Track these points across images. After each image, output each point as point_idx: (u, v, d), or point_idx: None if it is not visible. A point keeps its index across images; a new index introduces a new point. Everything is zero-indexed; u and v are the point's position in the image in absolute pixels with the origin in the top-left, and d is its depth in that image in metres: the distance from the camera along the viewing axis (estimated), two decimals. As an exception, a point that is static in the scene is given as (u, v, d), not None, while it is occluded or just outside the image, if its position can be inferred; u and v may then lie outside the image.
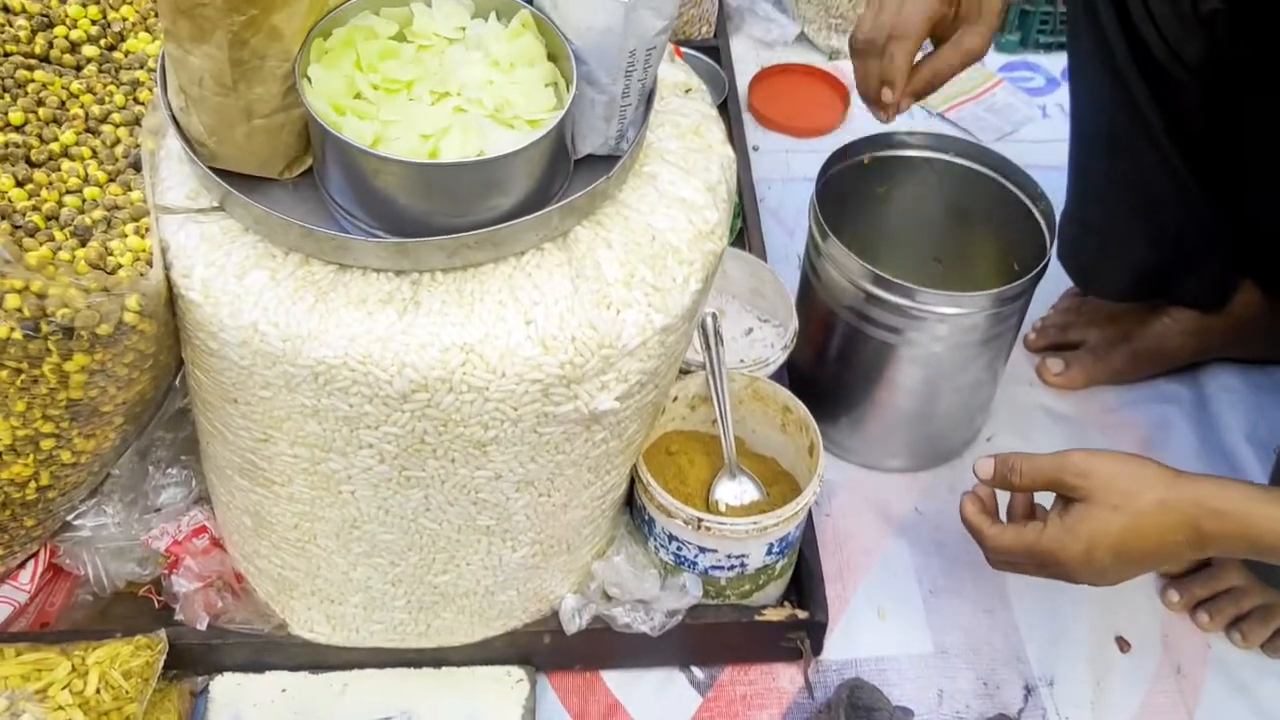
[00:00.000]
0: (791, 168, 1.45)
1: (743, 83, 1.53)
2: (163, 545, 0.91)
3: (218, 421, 0.78)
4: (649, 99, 0.77)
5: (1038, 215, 1.04)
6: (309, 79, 0.70)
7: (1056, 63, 1.61)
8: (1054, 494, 0.82)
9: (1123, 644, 0.99)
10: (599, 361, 0.72)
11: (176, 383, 0.86)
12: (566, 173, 0.76)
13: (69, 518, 0.90)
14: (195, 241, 0.72)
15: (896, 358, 1.01)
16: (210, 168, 0.72)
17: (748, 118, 1.50)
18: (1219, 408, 1.17)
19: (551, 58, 0.74)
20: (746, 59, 1.59)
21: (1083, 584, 0.82)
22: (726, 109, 1.43)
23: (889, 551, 1.05)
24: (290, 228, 0.69)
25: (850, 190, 1.09)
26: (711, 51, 1.51)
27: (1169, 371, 1.20)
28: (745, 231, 1.27)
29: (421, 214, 0.69)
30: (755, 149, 1.46)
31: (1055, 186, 1.19)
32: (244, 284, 0.70)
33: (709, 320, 0.94)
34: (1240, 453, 1.13)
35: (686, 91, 0.86)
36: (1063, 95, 1.56)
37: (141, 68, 0.87)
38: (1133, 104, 0.99)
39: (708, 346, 0.93)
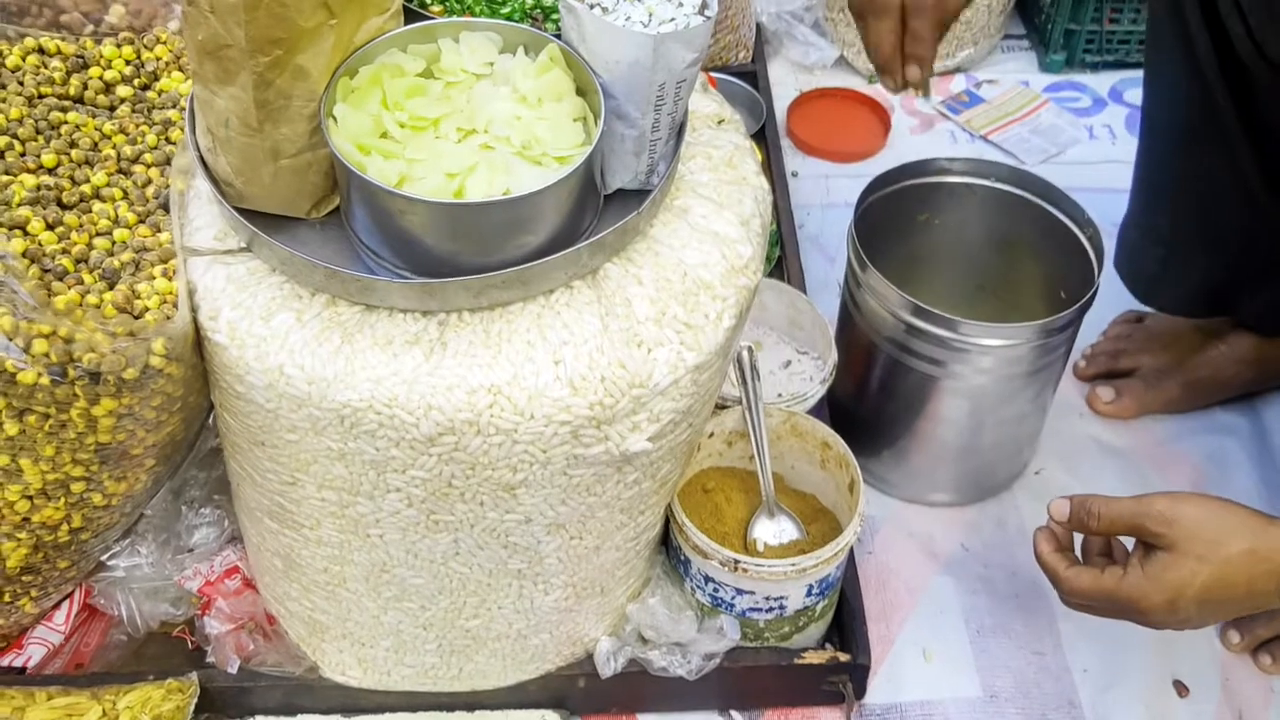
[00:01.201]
0: (831, 193, 1.43)
1: (781, 107, 1.51)
2: (195, 586, 0.91)
3: (246, 464, 0.77)
4: (680, 132, 0.75)
5: (1084, 241, 1.01)
6: (334, 118, 0.69)
7: (1104, 83, 1.58)
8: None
9: (1180, 688, 0.95)
10: (630, 402, 0.70)
11: (210, 422, 0.86)
12: (596, 208, 0.74)
13: (103, 558, 0.90)
14: (222, 283, 0.71)
15: (939, 390, 0.99)
16: (237, 208, 0.71)
17: (786, 143, 1.48)
18: (1278, 439, 1.13)
19: (580, 92, 0.73)
20: (785, 83, 1.57)
21: (1162, 629, 0.79)
22: (764, 135, 1.41)
23: (934, 590, 1.02)
24: (315, 269, 0.68)
25: (890, 218, 1.06)
26: (749, 77, 1.49)
27: (1225, 400, 1.16)
28: (784, 260, 1.25)
29: (448, 254, 0.68)
30: (794, 174, 1.44)
31: (1103, 209, 1.16)
32: (270, 326, 0.69)
33: (745, 354, 0.91)
34: (1302, 485, 1.09)
35: (719, 123, 0.84)
36: (1109, 116, 1.53)
37: (174, 107, 0.87)
38: (1210, 102, 0.95)
39: (744, 381, 0.91)
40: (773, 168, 1.36)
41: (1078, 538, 0.84)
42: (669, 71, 0.69)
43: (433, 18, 0.76)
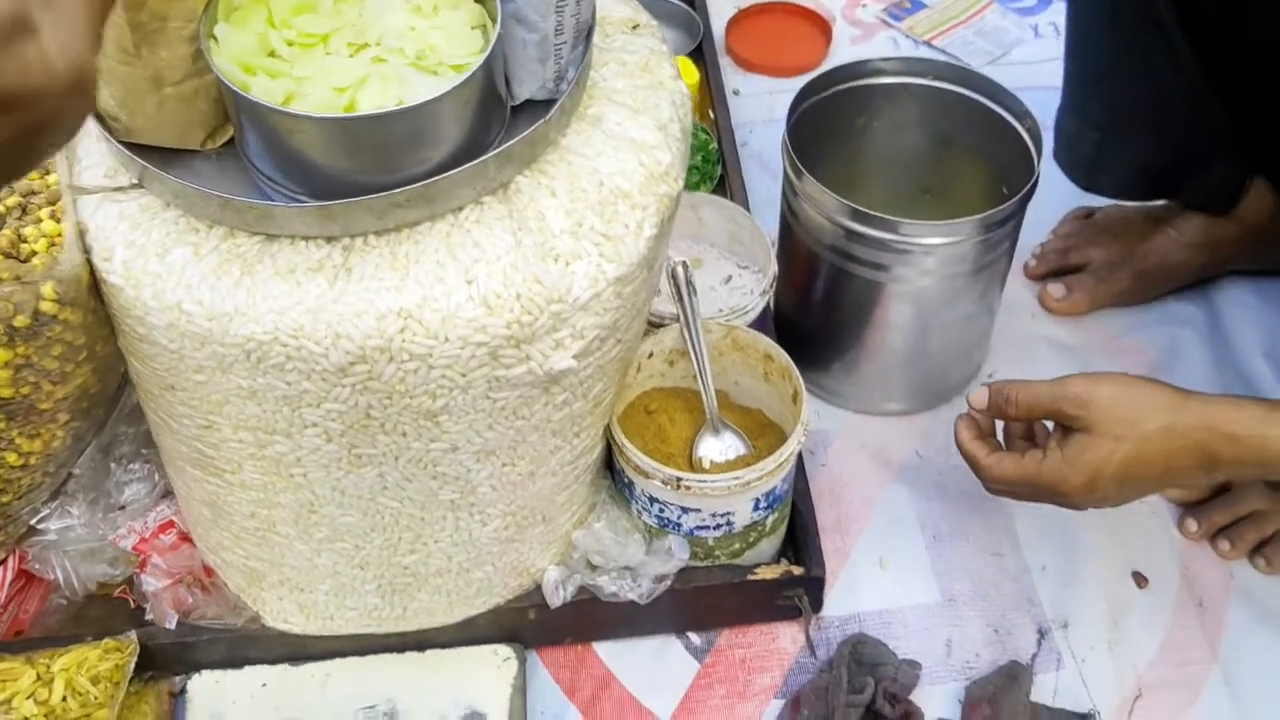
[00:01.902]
0: (775, 110, 1.39)
1: (719, 25, 1.47)
2: (130, 544, 0.88)
3: (161, 411, 0.75)
4: (588, 35, 0.72)
5: (1023, 133, 0.98)
6: (215, 39, 0.65)
7: (1047, -21, 1.54)
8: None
9: (1140, 579, 0.94)
10: (549, 319, 0.68)
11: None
12: (503, 120, 0.71)
13: (33, 522, 0.87)
14: (114, 221, 0.68)
15: (884, 295, 0.96)
16: (127, 143, 0.68)
17: (726, 61, 1.44)
18: (1233, 325, 1.11)
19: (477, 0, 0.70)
20: (722, 1, 1.53)
21: (1084, 510, 0.78)
22: (703, 53, 1.37)
23: (889, 499, 1.00)
24: (209, 199, 0.65)
25: (826, 125, 1.03)
26: (684, -4, 1.45)
27: (1178, 289, 1.14)
28: (725, 178, 1.22)
29: (345, 173, 0.65)
30: (736, 93, 1.41)
31: (1049, 106, 1.13)
32: (166, 263, 0.66)
33: (680, 270, 0.89)
34: (1258, 371, 1.07)
35: (634, 28, 0.80)
36: (1055, 13, 1.49)
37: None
38: None
39: (680, 298, 0.89)
40: (712, 87, 1.33)
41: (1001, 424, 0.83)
42: (567, -32, 0.66)
43: (318, -71, 0.72)
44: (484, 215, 0.68)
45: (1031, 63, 1.42)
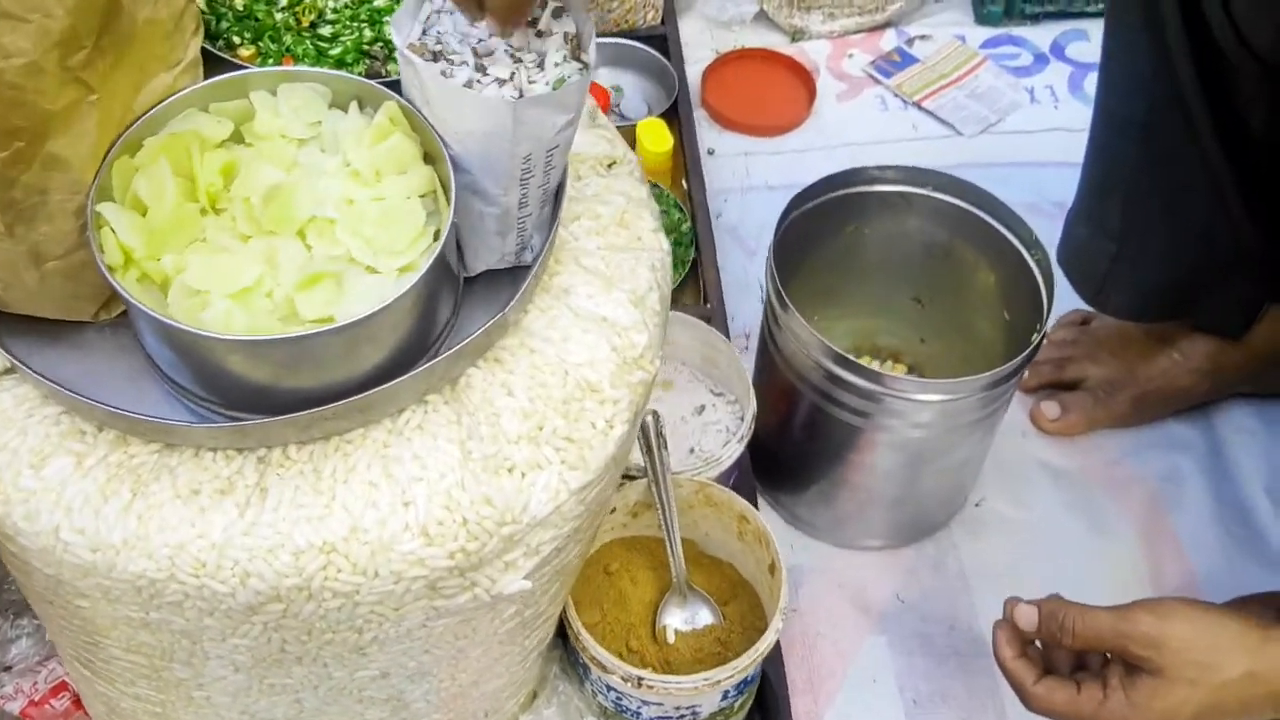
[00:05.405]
0: (751, 174, 1.29)
1: (695, 72, 1.36)
2: (18, 707, 0.78)
3: (43, 614, 0.64)
4: (558, 195, 0.62)
5: (1032, 264, 0.89)
6: (102, 215, 0.54)
7: (1044, 36, 1.44)
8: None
9: (1135, 759, 0.87)
10: (499, 542, 0.58)
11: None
12: (455, 300, 0.61)
13: (-95, 680, 0.77)
14: (-19, 418, 0.57)
15: (869, 441, 0.87)
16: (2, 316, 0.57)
17: (700, 114, 1.33)
18: (1235, 454, 1.04)
19: (429, 159, 0.59)
20: (700, 43, 1.41)
21: None
22: (677, 110, 1.27)
23: (866, 652, 0.92)
24: (94, 409, 0.54)
25: (813, 231, 0.94)
26: (658, 41, 1.34)
27: (1177, 411, 1.07)
28: (699, 264, 1.12)
29: (265, 384, 0.54)
30: (711, 153, 1.30)
31: (1046, 186, 1.06)
32: (42, 476, 0.55)
33: (649, 421, 0.79)
34: (1259, 508, 1.00)
35: (610, 166, 0.70)
36: (1052, 75, 1.40)
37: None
38: (1177, 88, 0.84)
39: (649, 450, 0.79)
40: (686, 151, 1.22)
41: None
42: (536, 141, 0.55)
43: (241, 64, 0.61)
44: (427, 420, 0.58)
45: (1028, 132, 1.33)
